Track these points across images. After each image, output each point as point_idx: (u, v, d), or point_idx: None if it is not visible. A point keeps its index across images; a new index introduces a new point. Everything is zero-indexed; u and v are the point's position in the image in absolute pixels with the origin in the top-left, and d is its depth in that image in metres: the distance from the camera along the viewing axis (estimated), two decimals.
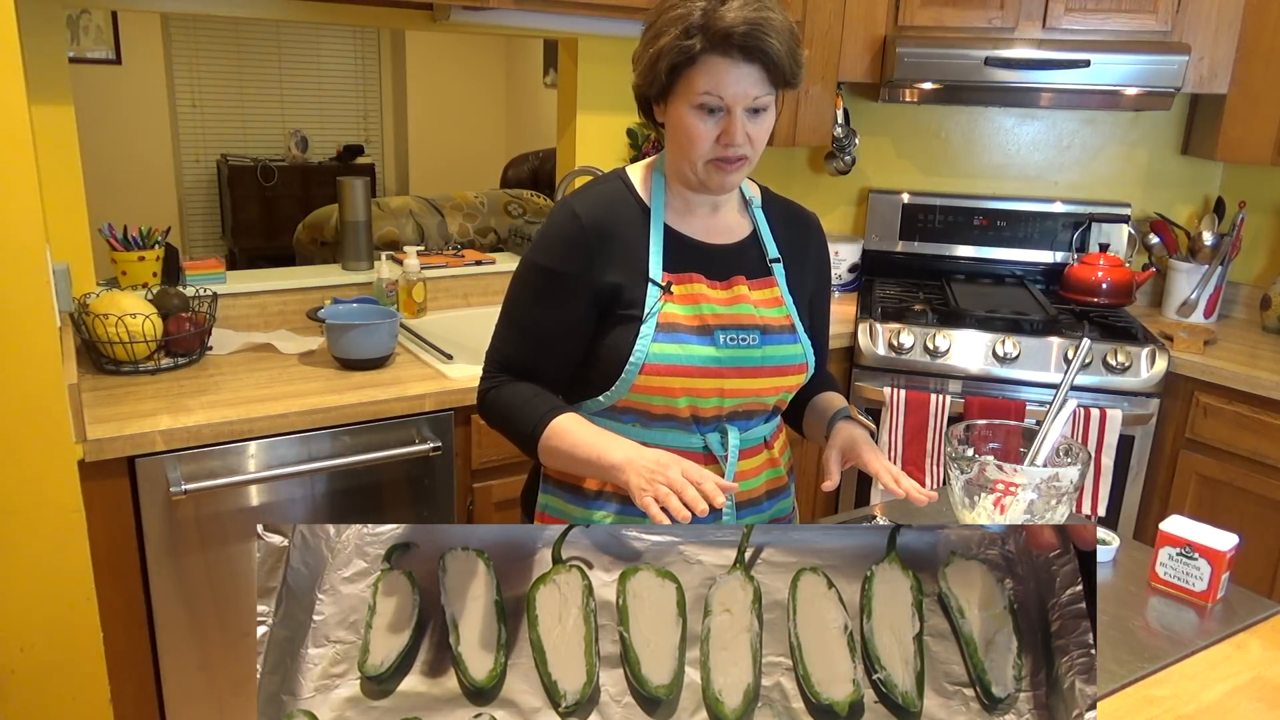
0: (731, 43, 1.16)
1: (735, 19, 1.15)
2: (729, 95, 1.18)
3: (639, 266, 1.28)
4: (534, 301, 1.30)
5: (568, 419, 1.26)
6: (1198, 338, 2.45)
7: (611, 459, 1.19)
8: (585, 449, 1.22)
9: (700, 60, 1.18)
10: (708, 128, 1.21)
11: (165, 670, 1.79)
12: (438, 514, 2.01)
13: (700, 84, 1.18)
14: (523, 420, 1.28)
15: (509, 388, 1.31)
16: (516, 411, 1.29)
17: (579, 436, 1.23)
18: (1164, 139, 2.91)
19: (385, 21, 2.39)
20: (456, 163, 7.22)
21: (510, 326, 1.33)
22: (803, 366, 1.35)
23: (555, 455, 1.26)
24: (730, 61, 1.17)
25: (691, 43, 1.17)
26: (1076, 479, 1.25)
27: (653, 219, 1.30)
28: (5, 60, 1.39)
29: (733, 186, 1.29)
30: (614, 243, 1.28)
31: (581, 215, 1.28)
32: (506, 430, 1.33)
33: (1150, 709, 1.02)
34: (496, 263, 2.68)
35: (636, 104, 1.31)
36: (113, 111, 5.99)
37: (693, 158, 1.24)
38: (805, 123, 2.71)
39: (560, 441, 1.24)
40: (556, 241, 1.28)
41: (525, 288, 1.31)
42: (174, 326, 1.98)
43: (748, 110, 1.21)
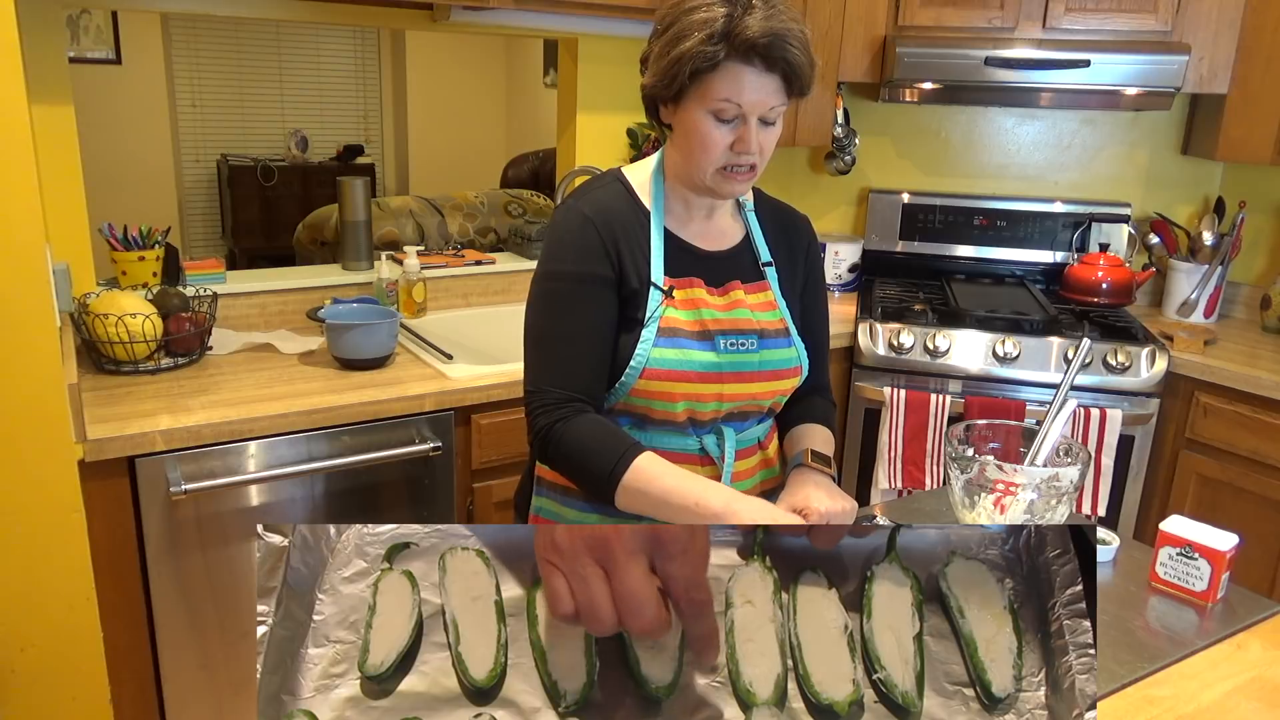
0: (755, 52, 1.16)
1: (760, 29, 1.15)
2: (747, 103, 1.19)
3: (642, 269, 1.28)
4: (568, 310, 1.25)
5: (650, 460, 1.19)
6: (1198, 338, 2.45)
7: (714, 508, 1.13)
8: (680, 496, 1.15)
9: (722, 67, 1.17)
10: (722, 135, 1.21)
11: (165, 670, 1.79)
12: (438, 514, 2.01)
13: (720, 90, 1.18)
14: (599, 460, 1.19)
15: (575, 422, 1.22)
16: (589, 451, 1.20)
17: (670, 482, 1.16)
18: (1164, 139, 2.91)
19: (385, 21, 2.39)
20: (456, 163, 7.22)
21: (548, 347, 1.26)
22: (797, 370, 1.35)
23: (640, 498, 1.18)
24: (752, 70, 1.17)
25: (715, 49, 1.16)
26: (1076, 479, 1.25)
27: (653, 222, 1.30)
28: (5, 60, 1.39)
29: (739, 194, 1.29)
30: (624, 244, 1.27)
31: (592, 217, 1.27)
32: (577, 470, 1.24)
33: (1150, 709, 1.02)
34: (496, 263, 2.68)
35: (644, 103, 1.30)
36: (113, 111, 5.99)
37: (704, 165, 1.23)
38: (805, 123, 2.72)
39: (648, 486, 1.17)
40: (574, 246, 1.26)
41: (555, 300, 1.26)
42: (174, 326, 1.98)
43: (761, 120, 1.21)
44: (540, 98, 6.65)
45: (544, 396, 1.24)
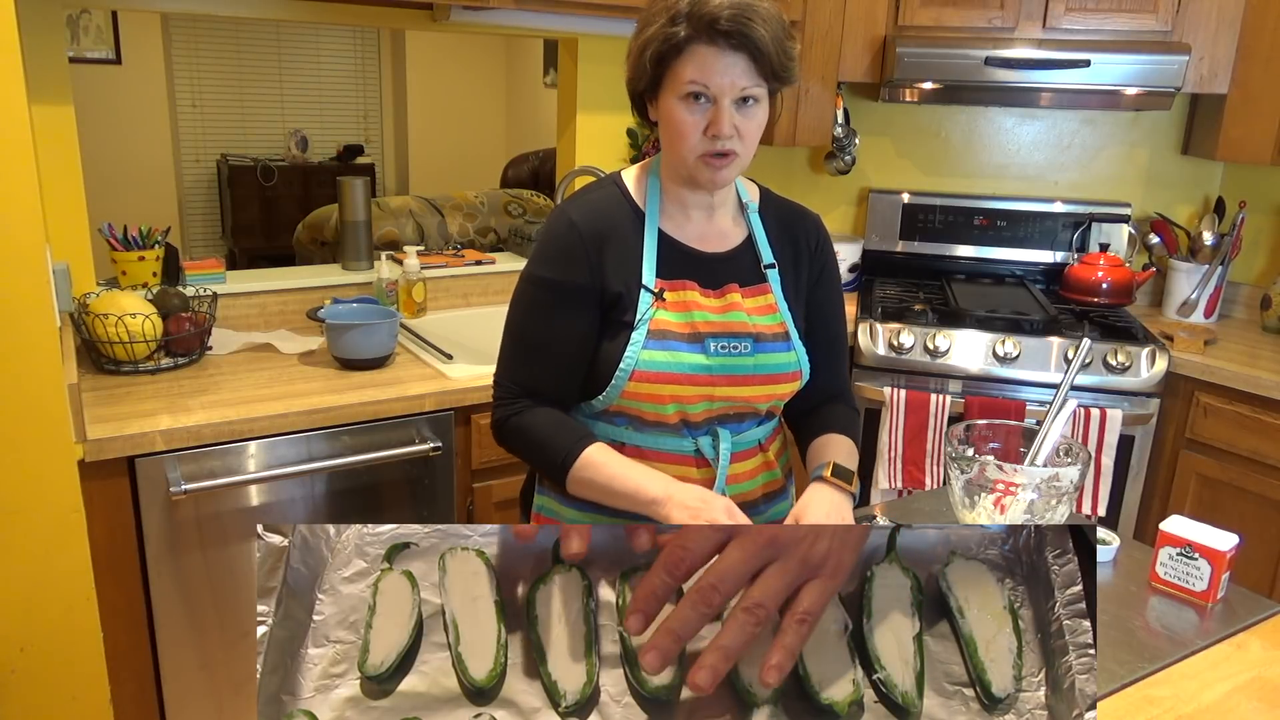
0: (717, 29, 1.15)
1: (720, 4, 1.14)
2: (715, 84, 1.17)
3: (633, 272, 1.27)
4: (542, 317, 1.28)
5: (598, 450, 1.24)
6: (1198, 338, 2.45)
7: (651, 494, 1.17)
8: (621, 482, 1.20)
9: (686, 49, 1.17)
10: (695, 118, 1.19)
11: (165, 670, 1.79)
12: (438, 514, 2.01)
13: (686, 73, 1.18)
14: (550, 450, 1.25)
15: (529, 414, 1.28)
16: (542, 441, 1.26)
17: (614, 470, 1.21)
18: (1164, 139, 2.91)
19: (385, 21, 2.39)
20: (456, 163, 7.22)
21: (519, 346, 1.30)
22: (796, 374, 1.33)
23: (588, 487, 1.24)
24: (716, 50, 1.16)
25: (676, 29, 1.16)
26: (1076, 479, 1.25)
27: (647, 224, 1.29)
28: (5, 60, 1.39)
29: (724, 182, 1.26)
30: (611, 249, 1.27)
31: (579, 223, 1.26)
32: (532, 459, 1.30)
33: (1150, 709, 1.02)
34: (496, 263, 2.68)
35: (631, 103, 1.30)
36: (113, 111, 5.99)
37: (682, 152, 1.22)
38: (805, 123, 2.72)
39: (594, 474, 1.22)
40: (557, 253, 1.27)
41: (531, 304, 1.29)
42: (174, 326, 1.98)
43: (736, 101, 1.19)
44: (540, 98, 6.65)
45: (507, 389, 1.31)
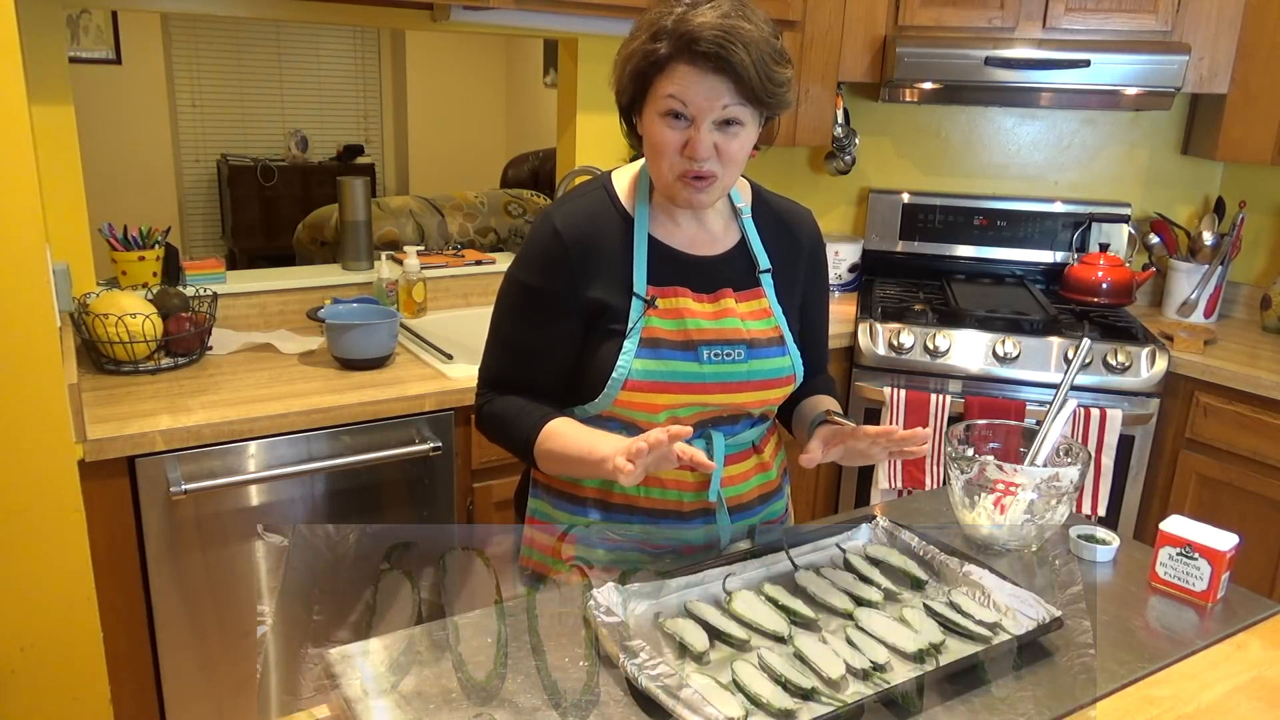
0: (697, 50, 1.11)
1: (704, 24, 1.11)
2: (694, 105, 1.14)
3: (622, 280, 1.25)
4: (519, 318, 1.29)
5: (559, 422, 1.24)
6: (1198, 338, 2.45)
7: (601, 452, 1.16)
8: (576, 446, 1.20)
9: (667, 67, 1.14)
10: (674, 135, 1.16)
11: (165, 670, 1.79)
12: (438, 514, 2.01)
13: (665, 87, 1.15)
14: (517, 430, 1.27)
15: (500, 401, 1.30)
16: (510, 423, 1.28)
17: (570, 437, 1.21)
18: (1164, 139, 2.91)
19: (385, 21, 2.39)
20: (456, 163, 7.22)
21: (498, 343, 1.32)
22: (790, 379, 1.31)
23: (550, 459, 1.24)
24: (696, 70, 1.13)
25: (658, 46, 1.14)
26: (1076, 479, 1.25)
27: (636, 231, 1.26)
28: (5, 60, 1.39)
29: (702, 205, 1.23)
30: (596, 257, 1.25)
31: (563, 232, 1.25)
32: (504, 442, 1.31)
33: (1150, 709, 1.02)
34: (496, 263, 2.68)
35: (620, 118, 1.27)
36: (113, 111, 5.99)
37: (661, 169, 1.20)
38: (805, 123, 2.72)
39: (553, 444, 1.23)
40: (538, 259, 1.27)
41: (509, 305, 1.30)
42: (174, 326, 1.98)
43: (718, 123, 1.16)
44: (540, 98, 6.65)
45: (482, 382, 1.34)
